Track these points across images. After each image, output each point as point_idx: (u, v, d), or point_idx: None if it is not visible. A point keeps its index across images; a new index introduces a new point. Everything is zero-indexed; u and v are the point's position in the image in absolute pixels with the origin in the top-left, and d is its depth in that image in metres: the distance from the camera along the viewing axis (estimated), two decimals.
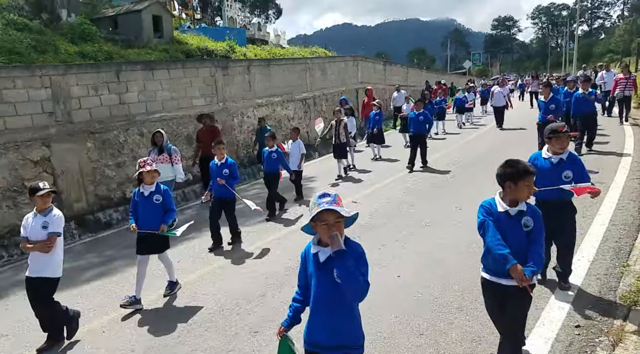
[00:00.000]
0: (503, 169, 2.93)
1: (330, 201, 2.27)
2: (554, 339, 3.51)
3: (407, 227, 6.54)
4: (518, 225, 2.87)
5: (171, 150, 7.95)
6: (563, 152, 4.08)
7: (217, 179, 6.44)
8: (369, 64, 22.95)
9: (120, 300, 4.90)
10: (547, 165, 4.10)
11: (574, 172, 4.00)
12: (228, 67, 12.60)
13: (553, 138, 4.05)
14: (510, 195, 2.90)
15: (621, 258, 4.78)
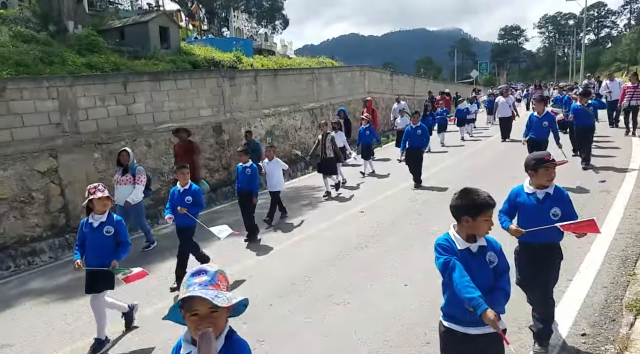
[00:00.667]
0: (459, 201, 2.50)
1: (205, 282, 1.60)
2: (560, 347, 3.47)
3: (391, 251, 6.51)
4: (483, 262, 2.47)
5: (136, 170, 7.39)
6: (549, 186, 3.39)
7: (178, 208, 5.61)
8: (376, 74, 23.07)
9: None
10: (532, 202, 3.40)
11: (562, 209, 3.32)
12: (235, 77, 12.73)
13: (540, 169, 3.33)
14: (467, 230, 2.47)
15: (628, 267, 4.73)
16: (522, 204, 3.46)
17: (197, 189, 5.93)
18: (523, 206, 3.45)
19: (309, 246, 6.67)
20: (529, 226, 3.32)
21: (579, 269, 4.76)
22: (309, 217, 8.38)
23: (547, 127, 8.21)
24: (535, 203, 3.39)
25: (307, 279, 5.42)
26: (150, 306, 5.27)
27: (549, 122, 8.20)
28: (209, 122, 11.64)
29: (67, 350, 4.44)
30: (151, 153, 10.18)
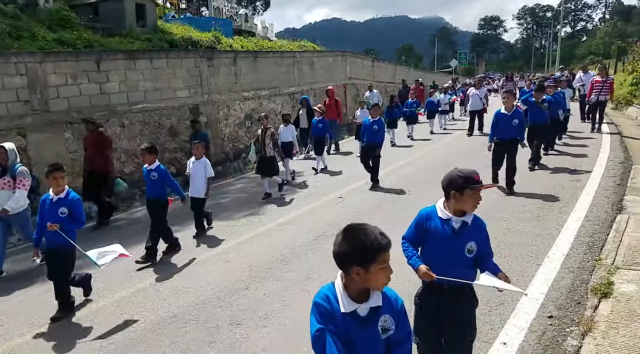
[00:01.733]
0: (342, 246, 1.82)
1: None
2: (528, 329, 3.59)
3: None
4: (374, 332, 1.87)
5: (17, 172, 5.84)
6: (470, 213, 2.63)
7: (48, 224, 4.51)
8: (358, 60, 22.99)
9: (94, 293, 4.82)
10: (446, 232, 2.62)
11: (479, 245, 2.66)
12: (213, 58, 12.49)
13: (466, 190, 2.52)
14: (359, 284, 1.84)
15: (594, 252, 4.91)
16: (433, 231, 2.65)
17: (75, 198, 4.73)
18: (434, 234, 2.64)
19: (286, 231, 6.67)
20: (438, 260, 2.62)
21: (548, 255, 4.92)
22: (287, 201, 8.37)
23: (517, 126, 7.27)
24: (449, 234, 2.60)
25: (284, 263, 5.43)
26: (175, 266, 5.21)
27: (519, 120, 7.29)
28: (186, 103, 11.43)
29: None
30: (125, 134, 9.96)
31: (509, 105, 7.36)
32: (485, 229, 2.73)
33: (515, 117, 7.26)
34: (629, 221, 5.70)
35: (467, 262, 2.64)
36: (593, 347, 3.23)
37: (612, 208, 6.28)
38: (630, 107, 17.16)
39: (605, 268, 4.45)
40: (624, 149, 10.24)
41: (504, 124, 7.34)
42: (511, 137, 7.31)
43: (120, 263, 5.88)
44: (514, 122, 7.25)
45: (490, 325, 3.68)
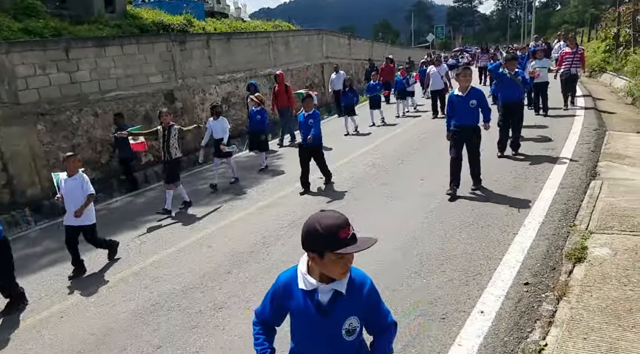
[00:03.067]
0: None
1: None
2: (505, 296, 3.68)
3: None
4: None
5: None
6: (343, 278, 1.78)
7: None
8: (334, 38, 22.73)
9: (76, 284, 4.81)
10: (311, 310, 1.78)
11: (364, 318, 1.86)
12: (186, 41, 12.22)
13: (327, 255, 1.67)
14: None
15: (568, 219, 5.02)
16: (294, 311, 1.83)
17: None
18: (297, 315, 1.83)
19: (266, 215, 6.67)
20: (307, 346, 1.87)
21: (524, 223, 5.01)
22: (267, 184, 8.34)
23: (475, 107, 6.12)
24: (315, 313, 1.75)
25: (266, 246, 5.44)
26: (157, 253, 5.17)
27: (477, 101, 6.09)
28: (160, 89, 11.21)
29: None
30: (99, 123, 9.76)
31: (462, 85, 6.14)
32: (372, 290, 1.87)
33: (472, 98, 6.06)
34: (603, 186, 5.84)
35: (350, 347, 1.83)
36: (567, 311, 3.32)
37: (586, 174, 6.41)
38: (604, 73, 17.41)
39: (579, 233, 4.56)
40: (598, 115, 10.42)
41: (460, 108, 6.14)
42: (471, 124, 6.12)
43: (100, 255, 5.85)
44: (472, 103, 6.06)
45: (467, 295, 3.77)
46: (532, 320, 3.34)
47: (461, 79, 6.19)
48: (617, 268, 3.80)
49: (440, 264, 4.39)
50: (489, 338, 3.21)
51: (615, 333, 2.98)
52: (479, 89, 6.24)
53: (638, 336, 2.91)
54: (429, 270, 4.29)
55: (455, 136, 6.24)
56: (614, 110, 11.29)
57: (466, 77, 6.16)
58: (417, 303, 3.76)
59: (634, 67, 12.74)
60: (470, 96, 6.11)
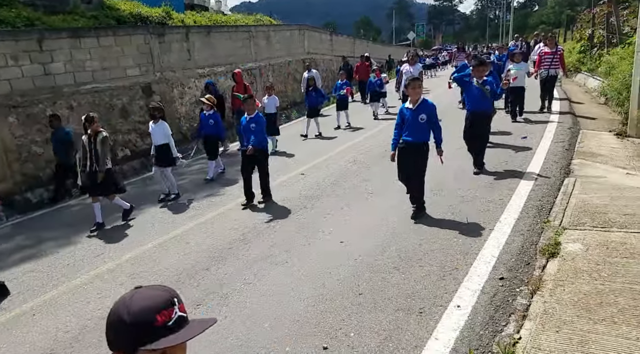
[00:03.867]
0: None
1: None
2: (480, 291, 3.74)
3: None
4: None
5: None
6: None
7: None
8: (316, 34, 22.66)
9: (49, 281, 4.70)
10: None
11: None
12: (164, 34, 12.01)
13: None
14: None
15: (543, 215, 5.13)
16: None
17: None
18: None
19: (246, 211, 6.62)
20: None
21: (500, 219, 5.11)
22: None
23: (425, 123, 5.31)
24: None
25: (245, 243, 5.41)
26: (135, 249, 5.07)
27: (427, 116, 5.31)
28: (137, 82, 11.00)
29: None
30: (74, 116, 9.51)
31: (413, 96, 5.38)
32: None
33: (421, 112, 5.30)
34: (576, 183, 5.99)
35: None
36: (541, 304, 3.40)
37: (560, 172, 6.56)
38: (578, 74, 17.80)
39: (553, 229, 4.66)
40: (572, 115, 10.66)
41: (409, 122, 5.38)
42: (417, 141, 5.35)
43: (76, 251, 5.73)
44: (421, 118, 5.30)
45: (444, 289, 3.82)
46: (506, 314, 3.41)
47: (410, 91, 5.38)
48: (588, 262, 3.90)
49: (418, 259, 4.44)
50: (465, 331, 3.27)
51: (587, 325, 3.06)
52: (431, 103, 5.39)
53: (608, 329, 3.00)
54: (407, 265, 4.34)
55: (402, 155, 5.47)
56: (588, 109, 11.57)
57: (415, 89, 5.33)
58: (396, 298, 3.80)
59: (607, 68, 13.03)
60: (420, 110, 5.31)
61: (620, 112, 10.03)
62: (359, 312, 3.68)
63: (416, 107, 5.33)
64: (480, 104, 6.88)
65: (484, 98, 6.83)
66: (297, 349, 3.32)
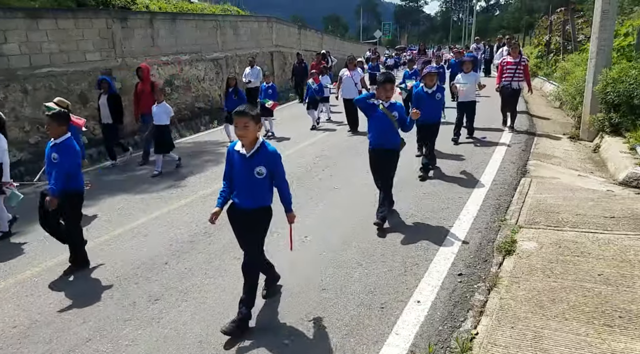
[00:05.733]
0: None
1: None
2: (440, 287, 3.83)
3: None
4: None
5: None
6: None
7: None
8: (284, 27, 22.47)
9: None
10: None
11: None
12: (128, 19, 11.59)
13: None
14: None
15: (500, 213, 5.31)
16: None
17: None
18: None
19: (209, 204, 6.51)
20: None
21: (459, 217, 5.26)
22: (211, 173, 8.14)
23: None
24: None
25: (207, 236, 5.31)
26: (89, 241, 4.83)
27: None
28: (97, 67, 10.56)
29: None
30: (28, 101, 9.07)
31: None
32: None
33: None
34: (531, 183, 6.23)
35: None
36: (497, 301, 3.51)
37: (517, 172, 6.81)
38: (535, 78, 18.47)
39: (509, 227, 4.84)
40: (529, 117, 11.06)
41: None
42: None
43: (25, 242, 5.47)
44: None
45: (405, 285, 3.89)
46: (465, 310, 3.50)
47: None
48: (542, 260, 4.07)
49: (381, 254, 4.50)
50: (425, 326, 3.34)
51: (540, 322, 3.18)
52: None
53: (560, 325, 3.13)
54: (370, 260, 4.39)
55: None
56: (544, 113, 12.05)
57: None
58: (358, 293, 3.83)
59: (562, 73, 13.60)
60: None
61: (574, 116, 10.49)
62: (322, 307, 3.69)
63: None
64: (386, 138, 5.11)
65: (392, 130, 5.09)
66: (258, 345, 3.30)
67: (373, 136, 5.18)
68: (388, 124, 5.02)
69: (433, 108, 6.59)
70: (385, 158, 5.15)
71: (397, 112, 5.02)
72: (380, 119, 5.05)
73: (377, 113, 5.06)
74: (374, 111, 5.09)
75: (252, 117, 3.42)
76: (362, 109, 5.32)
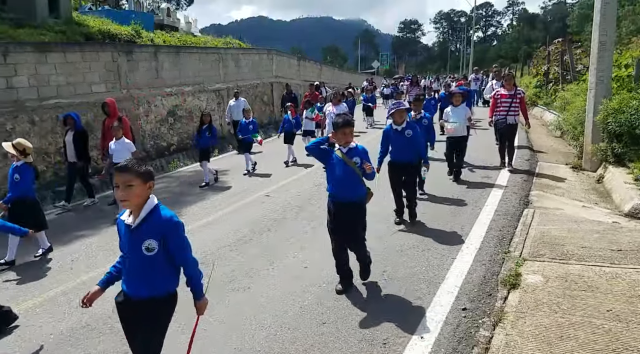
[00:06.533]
0: None
1: None
2: (444, 322, 3.77)
3: None
4: None
5: None
6: None
7: None
8: (284, 59, 22.96)
9: None
10: None
11: None
12: (133, 52, 11.89)
13: None
14: None
15: (503, 245, 5.26)
16: None
17: None
18: None
19: (209, 232, 6.49)
20: None
21: (462, 249, 5.21)
22: (210, 202, 8.15)
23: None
24: None
25: (205, 266, 5.24)
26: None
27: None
28: (102, 98, 10.71)
29: None
30: (35, 131, 9.20)
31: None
32: None
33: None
34: (535, 214, 6.21)
35: None
36: (503, 337, 3.44)
37: (519, 203, 6.79)
38: (535, 107, 18.69)
39: (513, 259, 4.78)
40: (531, 152, 11.09)
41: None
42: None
43: (28, 271, 5.43)
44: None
45: (408, 320, 3.82)
46: (469, 346, 3.43)
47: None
48: (548, 295, 4.01)
49: (382, 287, 4.44)
50: None
51: None
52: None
53: None
54: (371, 294, 4.33)
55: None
56: (545, 142, 12.11)
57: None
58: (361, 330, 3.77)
59: (562, 103, 13.76)
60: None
61: (575, 145, 10.52)
62: (322, 342, 3.62)
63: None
64: (347, 189, 4.24)
65: (353, 179, 4.22)
66: None
67: (331, 187, 4.33)
68: (348, 172, 4.18)
69: (403, 147, 5.92)
70: (348, 214, 4.26)
71: (358, 158, 4.19)
72: (339, 167, 4.22)
73: (333, 160, 4.28)
74: (330, 158, 4.32)
75: (139, 175, 2.63)
76: (317, 157, 4.47)
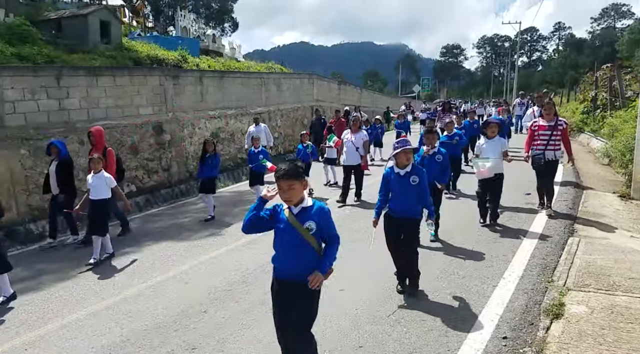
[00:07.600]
0: None
1: None
2: (483, 350, 3.65)
3: None
4: None
5: None
6: None
7: None
8: (324, 83, 23.37)
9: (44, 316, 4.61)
10: None
11: None
12: (179, 76, 12.44)
13: None
14: None
15: (547, 274, 5.08)
16: None
17: None
18: None
19: (248, 252, 6.59)
20: None
21: (504, 276, 5.06)
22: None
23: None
24: None
25: (245, 285, 5.35)
26: (132, 287, 4.98)
27: None
28: (149, 121, 11.26)
29: None
30: (84, 151, 9.67)
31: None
32: None
33: None
34: (580, 243, 5.96)
35: None
36: None
37: (564, 231, 6.54)
38: (581, 134, 18.08)
39: (557, 289, 4.61)
40: (576, 174, 10.72)
41: None
42: None
43: (73, 285, 5.66)
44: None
45: (447, 346, 3.73)
46: None
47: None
48: (593, 326, 3.82)
49: (421, 312, 4.36)
50: None
51: None
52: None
53: None
54: (409, 319, 4.25)
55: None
56: (592, 170, 11.66)
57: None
58: None
59: (611, 129, 13.27)
60: None
61: (624, 173, 10.10)
62: None
63: None
64: (293, 260, 3.18)
65: (301, 248, 3.13)
66: None
67: (275, 257, 3.31)
68: (296, 242, 3.09)
69: (406, 197, 4.60)
70: (294, 296, 3.18)
71: (312, 222, 3.08)
72: (286, 234, 3.13)
73: (280, 224, 3.17)
74: (276, 221, 3.21)
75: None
76: (258, 230, 3.41)
